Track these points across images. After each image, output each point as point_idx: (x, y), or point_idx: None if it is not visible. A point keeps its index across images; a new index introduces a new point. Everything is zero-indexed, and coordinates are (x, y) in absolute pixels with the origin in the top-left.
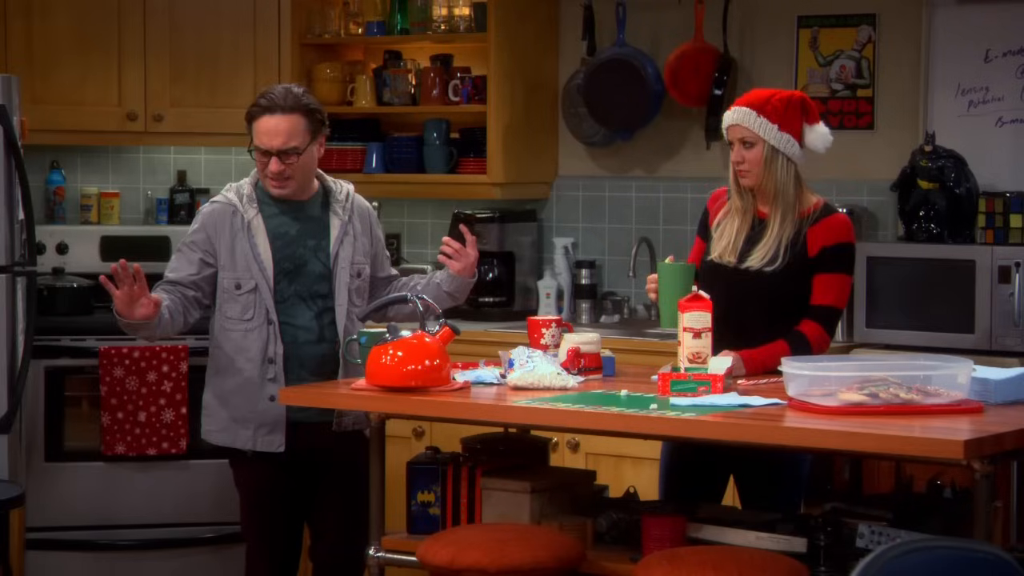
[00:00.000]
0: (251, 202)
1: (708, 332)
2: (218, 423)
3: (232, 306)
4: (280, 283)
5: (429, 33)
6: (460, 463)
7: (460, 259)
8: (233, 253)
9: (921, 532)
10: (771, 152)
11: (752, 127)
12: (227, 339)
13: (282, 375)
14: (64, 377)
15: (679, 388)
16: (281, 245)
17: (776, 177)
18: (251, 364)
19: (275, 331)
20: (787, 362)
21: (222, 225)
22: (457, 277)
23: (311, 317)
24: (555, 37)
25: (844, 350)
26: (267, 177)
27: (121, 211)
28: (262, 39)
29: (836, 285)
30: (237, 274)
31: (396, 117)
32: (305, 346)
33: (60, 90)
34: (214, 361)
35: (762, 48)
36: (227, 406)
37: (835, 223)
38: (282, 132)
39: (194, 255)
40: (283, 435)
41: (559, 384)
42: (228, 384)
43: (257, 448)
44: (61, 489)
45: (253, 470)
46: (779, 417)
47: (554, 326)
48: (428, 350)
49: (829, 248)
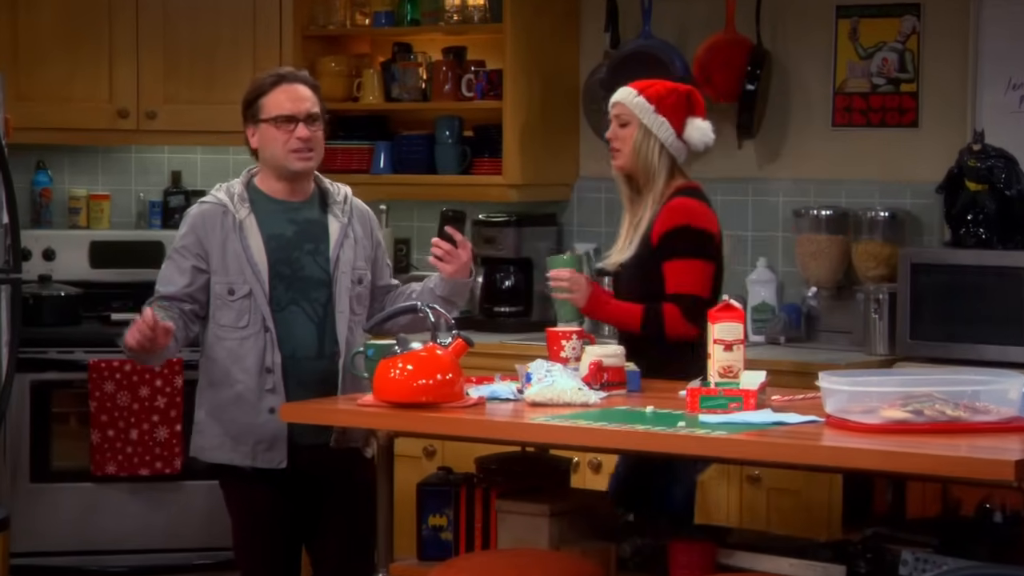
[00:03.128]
0: (243, 201)
1: (740, 344)
2: (212, 439)
3: (225, 313)
4: (276, 288)
5: (441, 24)
6: (474, 484)
7: (452, 261)
8: (225, 256)
9: (969, 559)
10: (643, 133)
11: (629, 105)
12: (221, 349)
13: (281, 385)
14: (51, 392)
15: (709, 404)
16: (276, 247)
17: (645, 160)
18: (247, 375)
19: (272, 338)
20: (825, 377)
21: (212, 226)
22: (451, 280)
23: (310, 328)
24: (576, 28)
25: (886, 364)
26: (291, 151)
27: (111, 214)
28: (262, 31)
29: (684, 271)
30: (230, 278)
31: (405, 114)
32: (304, 361)
33: (47, 86)
34: (207, 373)
35: (798, 40)
36: (222, 421)
37: (674, 206)
38: (306, 98)
39: (185, 262)
40: (285, 451)
41: (580, 400)
42: (223, 397)
43: (257, 464)
44: (47, 512)
45: (249, 490)
46: (816, 435)
47: (575, 338)
48: (440, 363)
49: (667, 233)
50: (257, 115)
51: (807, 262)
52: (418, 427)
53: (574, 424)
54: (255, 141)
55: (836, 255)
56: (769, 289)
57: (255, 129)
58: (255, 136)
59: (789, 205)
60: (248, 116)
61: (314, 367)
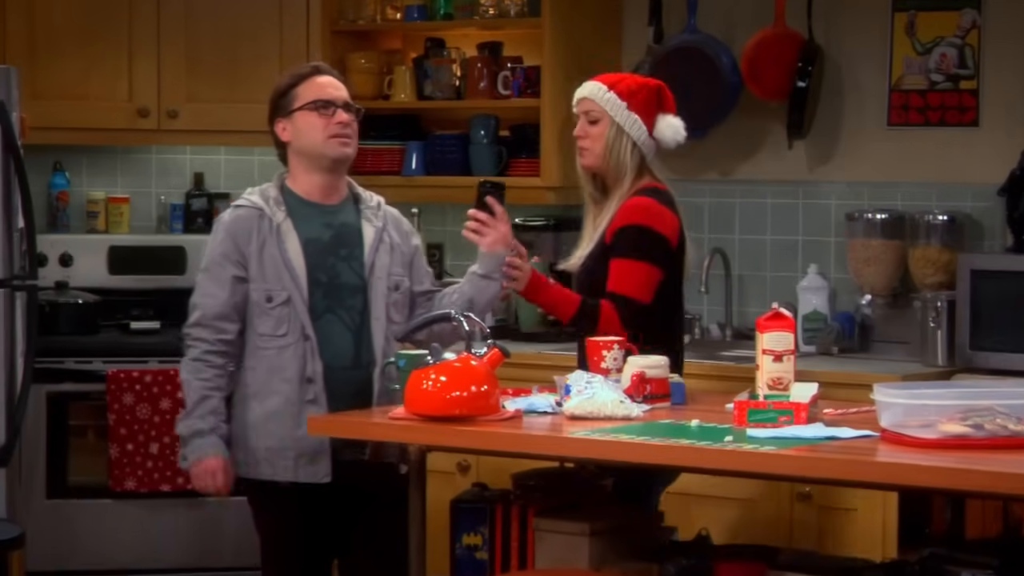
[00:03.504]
0: (279, 205)
1: (790, 355)
2: (253, 454)
3: (264, 321)
4: (314, 296)
5: (476, 18)
6: (510, 501)
7: (489, 233)
8: (262, 262)
9: None
10: (615, 131)
11: (599, 101)
12: (261, 359)
13: (323, 396)
14: (68, 404)
15: (757, 418)
16: (313, 252)
17: (616, 159)
18: (288, 385)
19: (312, 347)
20: (880, 389)
21: (249, 231)
22: (489, 255)
23: (347, 337)
24: (617, 22)
25: (945, 375)
26: (330, 136)
27: (131, 218)
28: (288, 26)
29: (628, 272)
30: (267, 285)
31: (438, 113)
32: (341, 371)
33: (63, 83)
34: (244, 384)
35: (852, 34)
36: (262, 434)
37: (632, 205)
38: (343, 87)
39: (224, 272)
40: (328, 464)
41: (622, 413)
42: (264, 409)
43: (299, 479)
44: (64, 529)
45: (285, 507)
46: (871, 451)
47: (616, 348)
48: (474, 375)
49: (620, 230)
50: (290, 105)
51: (861, 268)
52: (452, 441)
53: (615, 439)
54: (287, 134)
55: (892, 261)
56: (821, 297)
57: (287, 121)
58: (287, 129)
59: (842, 209)
60: (279, 108)
61: (350, 377)
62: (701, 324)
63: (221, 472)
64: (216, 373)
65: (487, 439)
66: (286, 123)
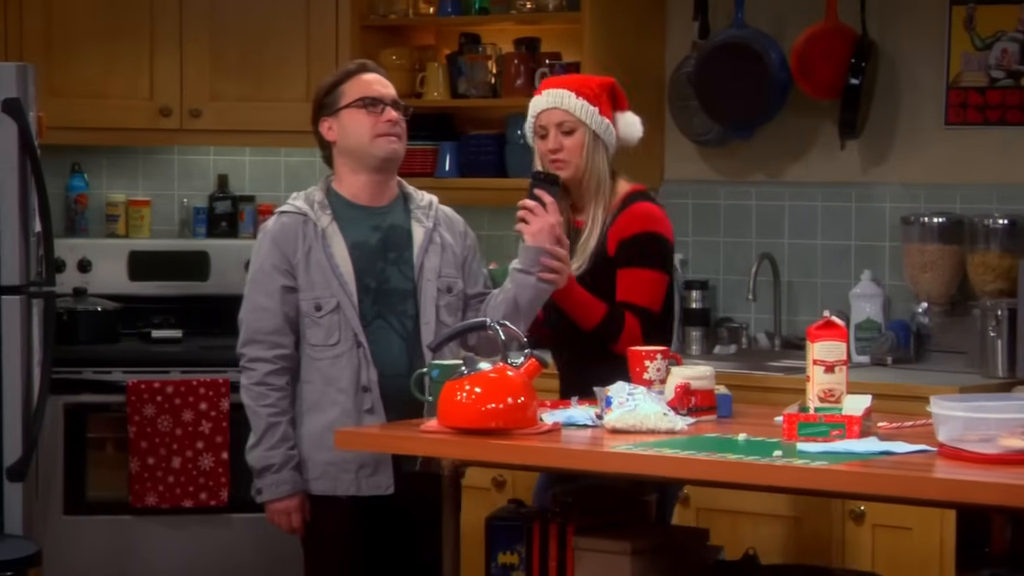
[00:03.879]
0: (324, 209)
1: (842, 365)
2: (313, 469)
3: (315, 331)
4: (363, 302)
5: (512, 13)
6: (548, 519)
7: (536, 222)
8: (309, 269)
9: None
10: (592, 139)
11: (573, 111)
12: (315, 371)
13: (380, 405)
14: (86, 416)
15: (808, 432)
16: (360, 256)
17: (596, 168)
18: (344, 396)
19: (366, 354)
20: (937, 402)
21: (295, 238)
22: (528, 248)
23: (400, 344)
24: (661, 16)
25: (1005, 387)
26: (378, 134)
27: (152, 222)
28: (317, 21)
29: (641, 281)
30: (316, 293)
31: (473, 112)
32: (395, 379)
33: (82, 81)
34: (301, 399)
35: (907, 29)
36: (321, 447)
37: (633, 213)
38: (390, 85)
39: (272, 283)
40: (391, 475)
41: (665, 426)
42: (322, 422)
43: (362, 492)
44: (82, 546)
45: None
46: (927, 467)
47: (659, 358)
48: (511, 386)
49: (628, 239)
50: (336, 103)
51: (917, 275)
52: (487, 456)
53: (659, 453)
54: (333, 133)
55: (949, 267)
56: (875, 304)
57: (333, 120)
58: (332, 128)
59: (897, 212)
60: (324, 106)
61: (405, 385)
62: (748, 333)
63: (297, 512)
64: (280, 396)
65: (524, 453)
66: (332, 122)
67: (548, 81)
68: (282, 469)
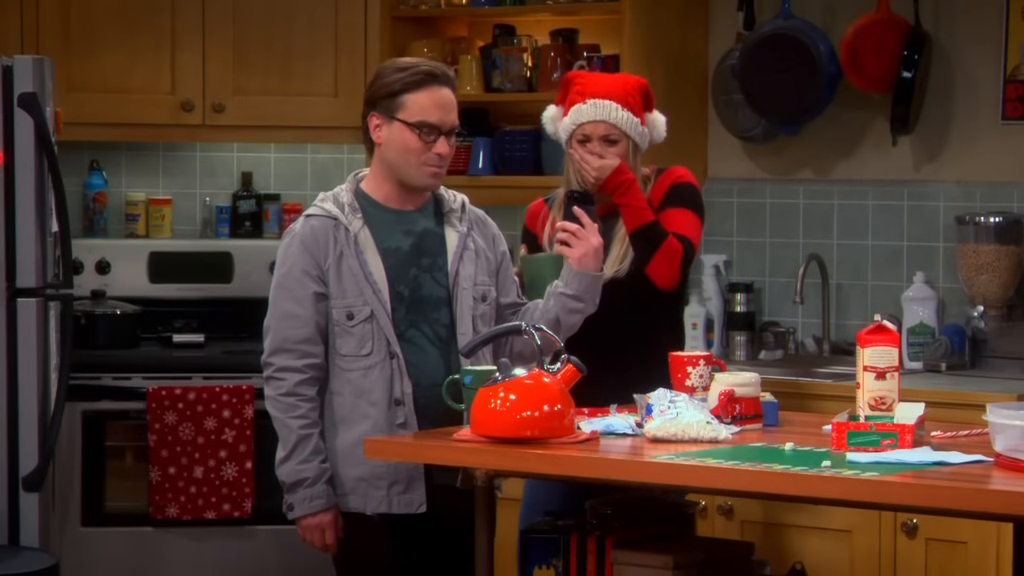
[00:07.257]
0: (354, 211)
1: (894, 372)
2: (340, 485)
3: (346, 341)
4: (397, 311)
5: (549, 3)
6: (586, 532)
7: (579, 245)
8: (340, 276)
9: None
10: (633, 150)
11: (619, 124)
12: (345, 382)
13: (413, 418)
14: (105, 423)
15: (858, 441)
16: (393, 263)
17: (635, 173)
18: (376, 408)
19: (400, 365)
20: (994, 410)
21: (325, 242)
22: (580, 273)
23: (434, 354)
24: (704, 7)
25: None
26: (424, 165)
27: (173, 222)
28: (345, 12)
29: (685, 219)
30: (347, 300)
31: (508, 106)
32: (429, 391)
33: (101, 75)
34: (331, 409)
35: (963, 19)
36: (351, 463)
37: (669, 172)
38: (453, 107)
39: (302, 289)
40: (423, 492)
41: (708, 435)
42: (352, 436)
43: (393, 510)
44: (101, 559)
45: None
46: (984, 478)
47: (702, 364)
48: (547, 393)
49: (676, 185)
50: (395, 111)
51: (972, 277)
52: (522, 465)
53: (702, 463)
54: (381, 135)
55: (1006, 269)
56: (928, 308)
57: (386, 124)
58: (382, 130)
59: (952, 211)
60: (381, 105)
61: (440, 397)
62: (795, 338)
63: (331, 528)
64: (311, 407)
65: (560, 463)
66: (383, 124)
67: (588, 84)
68: (315, 483)
